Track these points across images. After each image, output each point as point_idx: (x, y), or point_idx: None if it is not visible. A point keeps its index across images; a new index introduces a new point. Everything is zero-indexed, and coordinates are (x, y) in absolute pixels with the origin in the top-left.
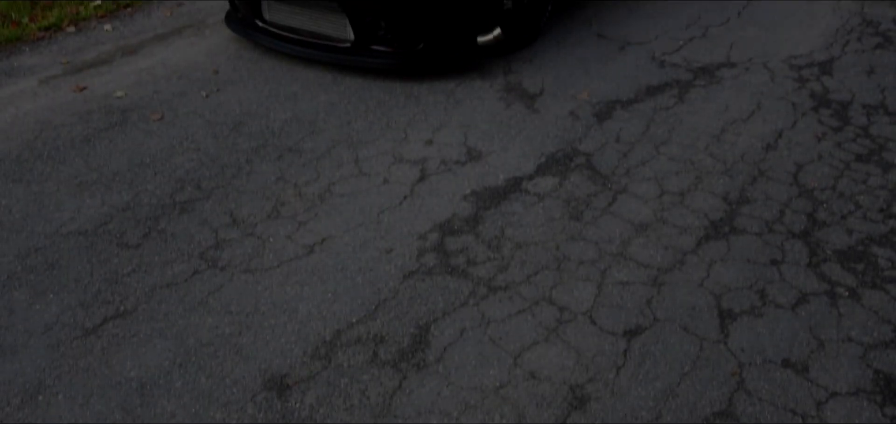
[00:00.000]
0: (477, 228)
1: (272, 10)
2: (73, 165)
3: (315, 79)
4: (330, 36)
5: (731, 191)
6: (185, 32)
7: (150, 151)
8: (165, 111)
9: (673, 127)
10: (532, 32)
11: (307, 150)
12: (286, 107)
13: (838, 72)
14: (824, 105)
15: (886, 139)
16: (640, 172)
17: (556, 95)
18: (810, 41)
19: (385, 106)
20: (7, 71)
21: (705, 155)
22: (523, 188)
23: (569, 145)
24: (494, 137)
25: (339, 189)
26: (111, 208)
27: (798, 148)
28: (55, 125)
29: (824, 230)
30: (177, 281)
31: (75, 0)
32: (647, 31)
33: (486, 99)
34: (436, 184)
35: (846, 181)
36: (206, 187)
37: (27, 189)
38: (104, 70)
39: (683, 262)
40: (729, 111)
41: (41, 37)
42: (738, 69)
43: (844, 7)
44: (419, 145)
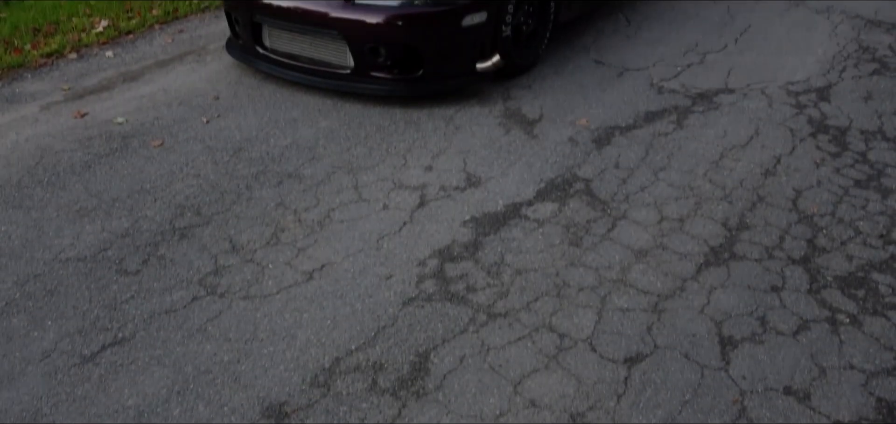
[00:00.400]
0: (476, 254)
1: (272, 36)
2: (73, 191)
3: (315, 105)
4: (330, 62)
5: (731, 217)
6: (186, 59)
7: (150, 177)
8: (166, 137)
9: (672, 153)
10: (531, 59)
11: (307, 176)
12: (286, 133)
13: (836, 98)
14: (822, 131)
15: (885, 165)
16: (640, 198)
17: (555, 121)
18: (808, 67)
19: (385, 132)
20: (8, 97)
21: (704, 181)
22: (523, 214)
23: (568, 171)
24: (494, 163)
25: (338, 215)
26: (111, 234)
27: (797, 174)
28: (56, 151)
29: (824, 256)
30: (175, 307)
31: (78, 27)
32: (645, 58)
33: (485, 125)
34: (435, 210)
35: (845, 207)
36: (206, 213)
37: (27, 215)
38: (105, 96)
39: (683, 289)
40: (727, 137)
41: (43, 63)
42: (736, 95)
43: (841, 33)
44: (419, 171)
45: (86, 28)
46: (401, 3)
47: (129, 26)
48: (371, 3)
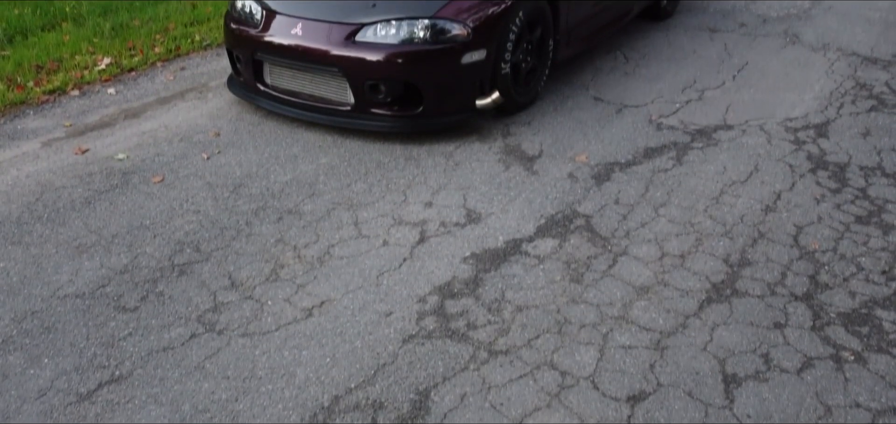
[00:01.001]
0: (477, 291)
1: (273, 73)
2: (72, 227)
3: (315, 141)
4: (330, 99)
5: (732, 254)
6: (187, 96)
7: (149, 213)
8: (166, 173)
9: (672, 189)
10: (530, 96)
11: (307, 212)
12: (286, 169)
13: (834, 135)
14: (822, 167)
15: (885, 201)
16: (640, 234)
17: (554, 157)
18: (805, 104)
19: (385, 168)
20: (10, 134)
21: (705, 217)
22: (523, 250)
23: (568, 207)
24: (494, 199)
25: (338, 251)
26: (109, 271)
27: (797, 209)
28: (56, 187)
29: (827, 292)
30: (174, 345)
31: (80, 65)
32: (644, 95)
33: (485, 161)
34: (435, 246)
35: (847, 243)
36: (206, 249)
37: (26, 251)
38: (107, 132)
39: (686, 326)
40: (727, 173)
41: (46, 100)
42: (734, 131)
43: (837, 70)
44: (419, 207)
45: (88, 65)
46: (401, 40)
47: (131, 64)
48: (371, 40)
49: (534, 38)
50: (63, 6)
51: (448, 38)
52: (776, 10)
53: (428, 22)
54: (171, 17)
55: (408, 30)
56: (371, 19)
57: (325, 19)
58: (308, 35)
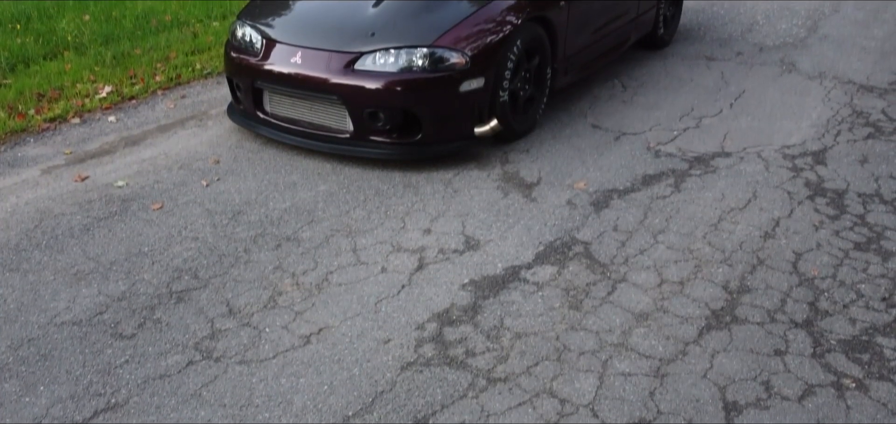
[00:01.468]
0: (476, 318)
1: (273, 101)
2: (70, 254)
3: (314, 168)
4: (329, 127)
5: (731, 280)
6: (187, 124)
7: (148, 240)
8: (165, 200)
9: (670, 216)
10: (528, 124)
11: (305, 239)
12: (285, 196)
13: (832, 162)
14: (820, 194)
15: (884, 227)
16: (639, 261)
17: (553, 184)
18: (802, 131)
19: (383, 195)
20: (10, 161)
21: (704, 243)
22: (522, 277)
23: (567, 234)
24: (492, 226)
25: (336, 278)
26: (107, 298)
27: (796, 236)
28: (55, 214)
29: (827, 319)
30: (170, 372)
31: (81, 93)
32: (642, 122)
33: (483, 188)
34: (434, 273)
35: (846, 269)
36: (204, 276)
37: (23, 278)
38: (106, 160)
39: (686, 353)
40: (725, 200)
41: (46, 128)
42: (732, 159)
43: (834, 98)
44: (417, 234)
45: (89, 94)
46: (400, 69)
47: (132, 92)
48: (370, 69)
49: (532, 66)
50: (65, 35)
51: (446, 67)
52: (772, 39)
53: (426, 50)
54: (172, 46)
55: (406, 58)
56: (370, 48)
57: (324, 48)
58: (307, 63)
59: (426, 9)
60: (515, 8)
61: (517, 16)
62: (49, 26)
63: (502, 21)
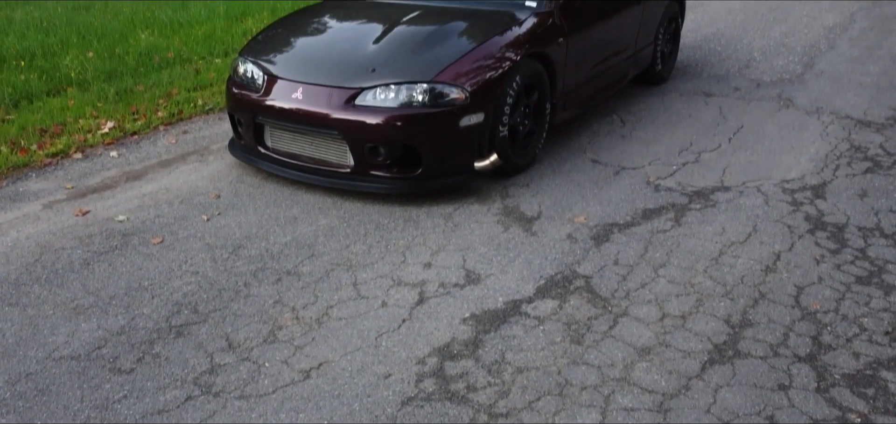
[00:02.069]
0: (477, 352)
1: (274, 137)
2: (70, 289)
3: (315, 203)
4: (330, 161)
5: (733, 314)
6: (189, 159)
7: (148, 275)
8: (166, 235)
9: (671, 249)
10: (528, 158)
11: (306, 274)
12: (286, 230)
13: (831, 196)
14: (820, 228)
15: (885, 261)
16: (640, 295)
17: (553, 219)
18: (801, 166)
19: (384, 229)
20: (12, 196)
21: (705, 277)
22: (523, 311)
23: (568, 268)
24: (493, 260)
25: (337, 312)
26: (106, 332)
27: (797, 270)
28: (55, 248)
29: (831, 354)
30: (169, 407)
31: (84, 128)
32: (641, 157)
33: (484, 222)
34: (435, 307)
35: (849, 303)
36: (203, 311)
37: (23, 313)
38: (107, 195)
39: (689, 387)
40: (726, 234)
41: (48, 163)
42: (732, 193)
43: (832, 133)
44: (418, 268)
45: (92, 129)
46: (400, 104)
47: (134, 127)
48: (371, 104)
49: (531, 101)
50: (69, 72)
51: (446, 102)
52: (769, 75)
53: (426, 86)
54: (174, 83)
55: (407, 93)
56: (371, 83)
57: (325, 83)
58: (309, 99)
59: (426, 45)
60: (514, 44)
61: (516, 52)
62: (53, 63)
63: (501, 57)
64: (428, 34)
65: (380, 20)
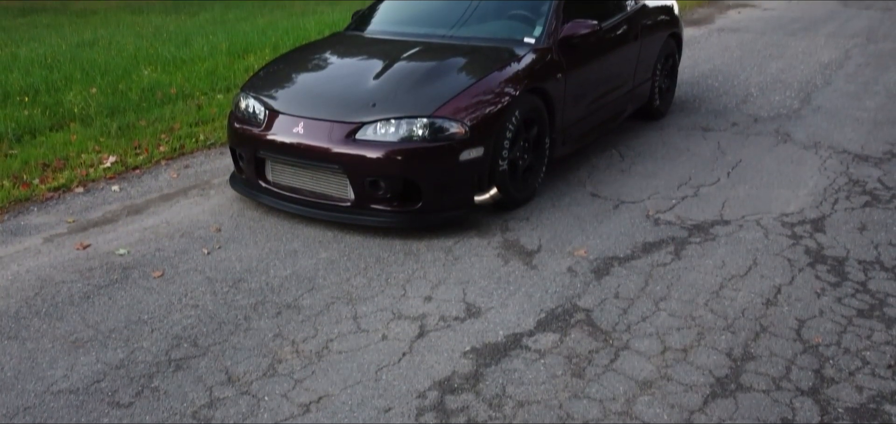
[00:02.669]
0: (477, 386)
1: (275, 171)
2: (70, 322)
3: (315, 236)
4: (331, 195)
5: (735, 348)
6: (190, 193)
7: (148, 308)
8: (166, 268)
9: (671, 283)
10: (527, 192)
11: (306, 307)
12: (286, 264)
13: (831, 230)
14: (820, 261)
15: (886, 294)
16: (641, 328)
17: (553, 252)
18: (800, 199)
19: (384, 263)
20: (13, 230)
21: (706, 310)
22: (524, 344)
23: (568, 301)
24: (493, 294)
25: (336, 346)
26: (105, 366)
27: (798, 303)
28: (56, 282)
29: (833, 387)
30: None
31: (86, 163)
32: (640, 191)
33: (484, 256)
34: (435, 340)
35: (850, 337)
36: (203, 344)
37: (21, 346)
38: (108, 228)
39: (691, 422)
40: (726, 267)
41: (50, 197)
42: (731, 226)
43: (830, 167)
44: (418, 301)
45: (94, 163)
46: (400, 138)
47: (136, 162)
48: (371, 138)
49: (530, 136)
50: (72, 107)
51: (446, 136)
52: (766, 111)
53: (426, 120)
54: (176, 118)
55: (407, 128)
56: (371, 118)
57: (326, 118)
58: (309, 133)
59: (426, 80)
60: (513, 80)
61: (515, 87)
62: (56, 99)
63: (501, 92)
64: (428, 70)
65: (380, 56)
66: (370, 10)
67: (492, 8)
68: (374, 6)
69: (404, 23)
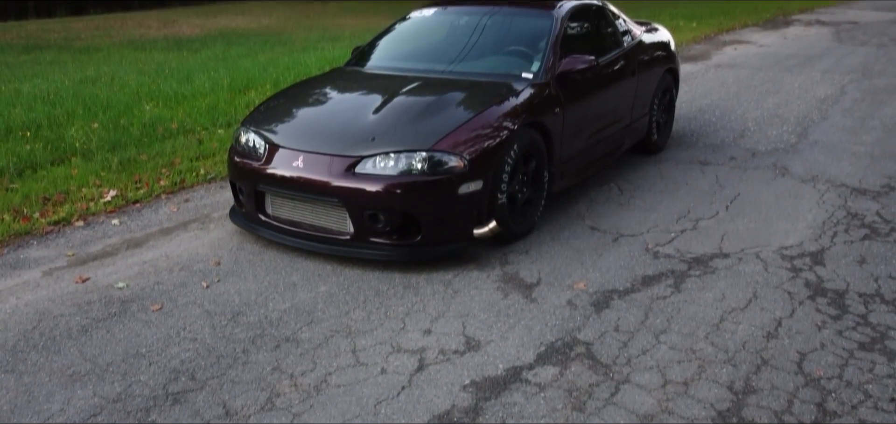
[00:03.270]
0: (477, 420)
1: (275, 204)
2: (67, 356)
3: (315, 269)
4: (330, 229)
5: (736, 381)
6: (190, 226)
7: (146, 341)
8: (165, 301)
9: (671, 316)
10: (527, 226)
11: (304, 340)
12: (285, 297)
13: (830, 263)
14: (820, 294)
15: (887, 327)
16: (642, 361)
17: (552, 285)
18: (799, 232)
19: (383, 296)
20: (13, 263)
21: (706, 343)
22: (524, 378)
23: (568, 334)
24: (493, 327)
25: (335, 379)
26: (102, 400)
27: (799, 336)
28: (54, 315)
29: (836, 421)
30: None
31: (86, 197)
32: (639, 224)
33: (483, 289)
34: (434, 374)
35: (852, 370)
36: (201, 378)
37: (18, 380)
38: (108, 262)
39: None
40: (726, 300)
41: (50, 230)
42: (731, 259)
43: (828, 201)
44: (417, 335)
45: (94, 197)
46: (399, 172)
47: (136, 196)
48: (371, 172)
49: (529, 169)
50: (73, 142)
51: (445, 170)
52: (764, 145)
53: (426, 154)
54: (177, 152)
55: (406, 162)
56: (370, 152)
57: (325, 152)
58: (309, 167)
59: (425, 114)
60: (512, 114)
61: (514, 121)
62: (58, 134)
63: (499, 126)
64: (427, 104)
65: (379, 91)
66: (370, 45)
67: (490, 43)
68: (373, 42)
69: (403, 58)
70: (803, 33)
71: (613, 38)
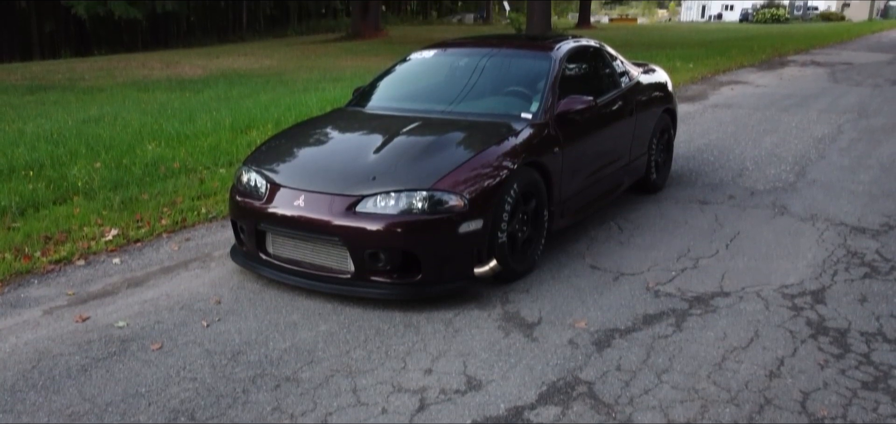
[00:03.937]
0: None
1: (276, 243)
2: (66, 395)
3: (315, 308)
4: (331, 267)
5: (740, 421)
6: (191, 265)
7: (146, 381)
8: (165, 341)
9: (673, 355)
10: (527, 265)
11: (305, 380)
12: (286, 336)
13: (831, 301)
14: (822, 333)
15: (890, 366)
16: (644, 401)
17: (553, 324)
18: (799, 271)
19: (384, 335)
20: (13, 302)
21: (709, 383)
22: (525, 418)
23: (570, 373)
24: (494, 366)
25: (335, 419)
26: None
27: (802, 375)
28: (53, 355)
29: None
30: None
31: (88, 236)
32: (640, 263)
33: (484, 328)
34: (435, 414)
35: (856, 409)
36: (200, 418)
37: (17, 420)
38: (108, 301)
39: None
40: (728, 339)
41: (51, 269)
42: (732, 298)
43: (828, 239)
44: (418, 374)
45: (96, 236)
46: (400, 211)
47: (137, 235)
48: (371, 211)
49: (529, 208)
50: (76, 181)
51: (445, 209)
52: (762, 184)
53: (426, 193)
54: (179, 192)
55: (407, 201)
56: (371, 191)
57: (326, 191)
58: (310, 206)
59: (426, 154)
60: (511, 153)
61: (513, 161)
62: (61, 173)
63: (499, 166)
64: (427, 144)
65: (380, 131)
66: (371, 86)
67: (489, 84)
68: (374, 83)
69: (404, 99)
70: (799, 74)
71: (611, 79)
